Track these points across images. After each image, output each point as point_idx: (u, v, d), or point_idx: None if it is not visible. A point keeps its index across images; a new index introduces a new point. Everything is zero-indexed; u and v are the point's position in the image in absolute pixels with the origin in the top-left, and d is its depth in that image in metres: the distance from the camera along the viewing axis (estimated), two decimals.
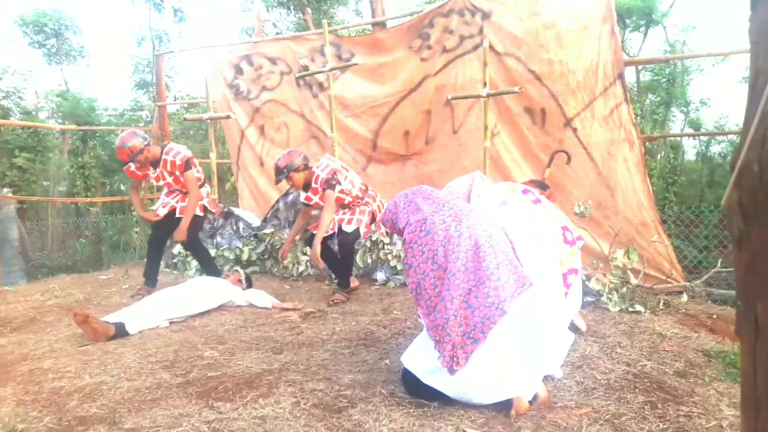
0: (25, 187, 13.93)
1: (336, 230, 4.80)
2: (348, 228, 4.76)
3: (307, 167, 4.84)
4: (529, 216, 3.02)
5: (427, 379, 2.48)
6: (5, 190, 9.46)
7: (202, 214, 5.25)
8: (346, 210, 4.90)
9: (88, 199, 12.75)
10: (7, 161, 13.56)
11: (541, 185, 3.98)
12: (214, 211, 5.52)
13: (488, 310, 2.33)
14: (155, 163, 5.07)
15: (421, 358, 2.54)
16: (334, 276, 5.19)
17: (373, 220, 4.98)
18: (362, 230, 4.84)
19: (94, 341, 3.74)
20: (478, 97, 5.42)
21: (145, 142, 4.89)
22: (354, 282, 5.09)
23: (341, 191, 4.76)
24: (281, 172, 4.80)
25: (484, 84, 5.31)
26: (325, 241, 4.76)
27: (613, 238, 4.66)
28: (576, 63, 5.24)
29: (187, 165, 5.00)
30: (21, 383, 3.01)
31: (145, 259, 5.42)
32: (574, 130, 5.29)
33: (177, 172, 5.04)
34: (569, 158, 5.04)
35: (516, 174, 5.50)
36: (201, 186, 5.19)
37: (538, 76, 5.41)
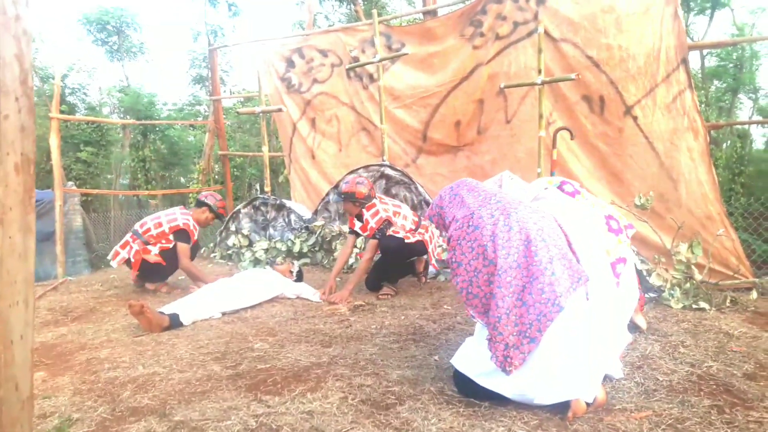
0: (90, 180, 14.51)
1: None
2: (392, 237, 4.64)
3: (366, 202, 4.71)
4: (567, 207, 2.88)
5: (481, 381, 2.39)
6: (69, 183, 9.84)
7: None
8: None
9: (149, 192, 13.17)
10: (73, 155, 14.13)
11: None
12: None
13: (544, 306, 2.22)
14: None
15: (474, 360, 2.44)
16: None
17: (422, 247, 4.80)
18: (407, 241, 4.68)
19: (148, 332, 3.82)
20: (533, 84, 5.25)
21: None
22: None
23: (394, 232, 4.65)
24: (340, 196, 4.79)
25: (539, 71, 5.13)
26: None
27: (675, 231, 4.42)
28: (636, 48, 5.01)
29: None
30: (78, 372, 3.10)
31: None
32: (635, 118, 5.06)
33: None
34: (572, 135, 4.83)
35: (573, 165, 5.31)
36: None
37: (596, 62, 5.19)
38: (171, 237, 5.06)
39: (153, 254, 5.02)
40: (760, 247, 5.95)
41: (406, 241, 4.64)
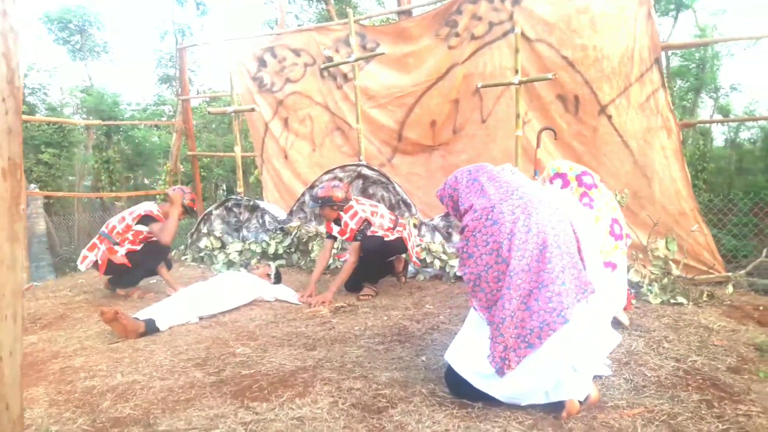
0: (51, 182, 14.06)
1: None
2: (372, 236, 4.60)
3: (343, 205, 4.64)
4: (568, 206, 2.88)
5: (474, 381, 2.36)
6: (32, 185, 9.52)
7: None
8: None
9: (113, 194, 12.82)
10: (34, 157, 13.69)
11: None
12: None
13: (548, 315, 2.19)
14: None
15: (468, 357, 2.41)
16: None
17: (401, 244, 4.76)
18: (387, 239, 4.63)
19: (124, 338, 3.69)
20: (510, 84, 5.27)
21: None
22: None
23: (372, 232, 4.59)
24: (317, 201, 4.70)
25: (516, 71, 5.15)
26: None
27: (651, 228, 4.49)
28: (611, 48, 5.08)
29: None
30: (53, 382, 2.97)
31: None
32: (609, 117, 5.12)
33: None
34: (555, 135, 4.89)
35: (547, 163, 5.33)
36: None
37: (571, 62, 5.24)
38: (135, 228, 4.89)
39: (119, 255, 4.86)
40: (729, 242, 6.12)
41: (385, 239, 4.59)
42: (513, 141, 5.23)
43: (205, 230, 7.03)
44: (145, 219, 4.91)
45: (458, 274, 2.47)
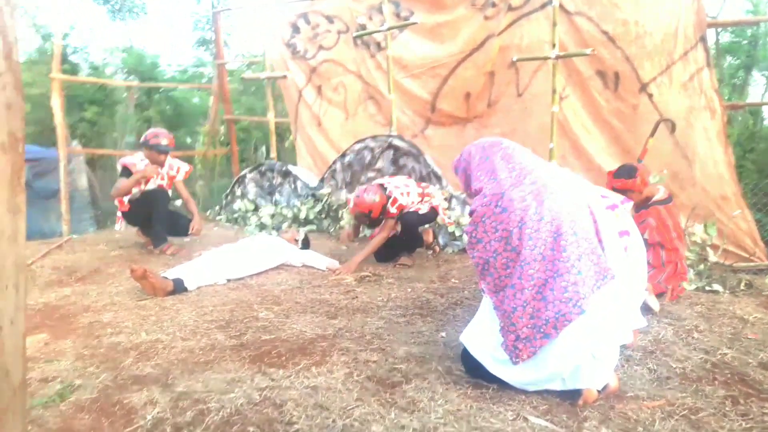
0: (95, 138, 14.29)
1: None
2: (408, 212, 4.61)
3: (382, 214, 4.53)
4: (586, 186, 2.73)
5: (488, 364, 2.31)
6: (74, 142, 9.69)
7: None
8: None
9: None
10: (77, 114, 13.92)
11: (628, 172, 3.66)
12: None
13: (564, 305, 2.10)
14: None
15: (482, 341, 2.35)
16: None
17: (434, 213, 4.78)
18: (421, 212, 4.66)
19: (152, 296, 3.75)
20: (547, 59, 5.07)
21: None
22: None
23: (401, 207, 4.55)
24: (355, 217, 4.74)
25: (553, 45, 4.95)
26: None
27: (690, 211, 4.32)
28: (654, 24, 4.83)
29: None
30: (81, 336, 3.03)
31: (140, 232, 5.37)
32: (650, 96, 4.90)
33: (180, 177, 5.37)
34: (674, 127, 4.65)
35: (585, 141, 5.18)
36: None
37: (612, 38, 5.01)
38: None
39: (125, 203, 5.09)
40: None
41: (419, 213, 4.61)
42: (549, 117, 5.06)
43: (239, 193, 7.09)
44: (124, 171, 5.06)
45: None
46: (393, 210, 4.51)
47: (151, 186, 5.13)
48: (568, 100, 5.30)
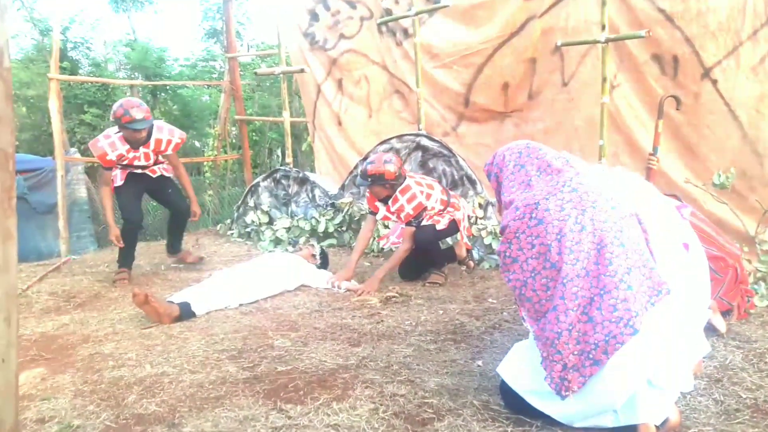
0: None
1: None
2: (425, 227, 4.62)
3: (397, 183, 4.58)
4: (653, 198, 2.70)
5: (531, 400, 2.30)
6: (73, 149, 9.93)
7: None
8: None
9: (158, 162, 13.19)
10: (76, 117, 14.27)
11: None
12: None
13: (614, 326, 2.07)
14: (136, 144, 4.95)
15: (523, 373, 2.35)
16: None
17: (454, 228, 4.78)
18: (439, 227, 4.66)
19: (157, 323, 3.83)
20: (595, 42, 5.02)
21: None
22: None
23: (419, 208, 4.58)
24: (366, 178, 4.61)
25: (603, 27, 4.90)
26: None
27: (761, 215, 4.23)
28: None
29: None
30: (80, 370, 3.12)
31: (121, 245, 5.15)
32: (714, 82, 4.80)
33: (169, 151, 5.13)
34: (679, 103, 4.55)
35: (640, 136, 5.10)
36: None
37: (669, 17, 4.92)
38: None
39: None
40: None
41: (437, 227, 4.61)
42: (599, 108, 5.01)
43: (252, 203, 7.18)
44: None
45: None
46: (409, 209, 4.53)
47: (139, 171, 5.13)
48: (620, 89, 5.23)
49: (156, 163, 5.20)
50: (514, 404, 2.43)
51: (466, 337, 3.44)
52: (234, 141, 10.80)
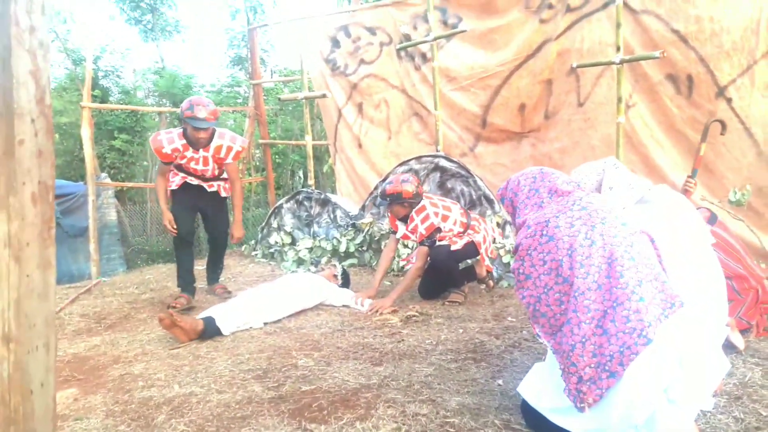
0: (125, 168, 14.92)
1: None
2: (440, 246, 4.63)
3: (415, 202, 4.65)
4: (678, 209, 2.68)
5: (553, 417, 2.29)
6: (103, 174, 10.14)
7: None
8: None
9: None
10: (107, 143, 14.55)
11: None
12: None
13: (628, 337, 2.06)
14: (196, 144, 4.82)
15: (545, 391, 2.34)
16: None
17: (472, 250, 4.74)
18: (455, 247, 4.63)
19: (185, 344, 3.88)
20: (610, 63, 5.03)
21: None
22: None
23: (440, 238, 4.61)
24: (385, 198, 4.71)
25: (618, 48, 4.91)
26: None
27: None
28: (731, 19, 4.74)
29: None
30: (111, 390, 3.16)
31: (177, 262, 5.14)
32: (729, 100, 4.79)
33: (229, 159, 4.94)
34: (724, 127, 4.51)
35: (656, 154, 5.09)
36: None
37: (684, 37, 4.94)
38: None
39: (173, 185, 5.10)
40: None
41: (452, 247, 4.58)
42: (615, 128, 5.01)
43: (275, 224, 7.25)
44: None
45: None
46: (422, 229, 4.59)
47: (192, 173, 4.97)
48: (635, 108, 5.24)
49: (216, 177, 5.11)
50: (536, 424, 2.41)
51: (486, 356, 3.42)
52: (258, 164, 10.95)
